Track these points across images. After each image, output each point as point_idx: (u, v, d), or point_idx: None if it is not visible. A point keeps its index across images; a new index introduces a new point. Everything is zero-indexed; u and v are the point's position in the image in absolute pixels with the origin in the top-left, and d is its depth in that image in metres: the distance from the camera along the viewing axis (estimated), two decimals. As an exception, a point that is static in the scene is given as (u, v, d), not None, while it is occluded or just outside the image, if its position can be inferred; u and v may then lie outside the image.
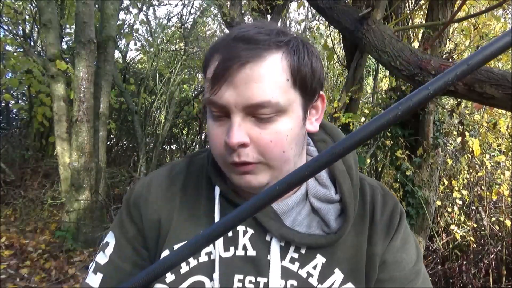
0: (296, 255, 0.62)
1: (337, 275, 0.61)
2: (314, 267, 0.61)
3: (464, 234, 3.61)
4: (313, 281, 0.60)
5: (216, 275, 0.59)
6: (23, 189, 4.74)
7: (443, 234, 3.76)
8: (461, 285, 3.60)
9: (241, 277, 0.60)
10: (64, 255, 3.49)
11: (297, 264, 0.61)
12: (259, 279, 0.60)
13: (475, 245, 3.67)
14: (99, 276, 0.65)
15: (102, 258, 0.67)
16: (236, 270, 0.60)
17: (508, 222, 3.56)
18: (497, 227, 3.77)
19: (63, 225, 3.93)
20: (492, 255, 3.62)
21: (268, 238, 0.62)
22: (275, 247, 0.61)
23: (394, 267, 0.63)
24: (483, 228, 3.77)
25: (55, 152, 4.71)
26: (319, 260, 0.62)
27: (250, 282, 0.60)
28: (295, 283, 0.60)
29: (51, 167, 5.27)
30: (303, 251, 0.62)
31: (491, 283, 3.59)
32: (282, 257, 0.61)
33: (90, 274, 0.67)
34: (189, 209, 0.65)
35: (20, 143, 5.80)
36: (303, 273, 0.61)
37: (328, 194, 0.63)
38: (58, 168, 4.11)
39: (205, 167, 0.69)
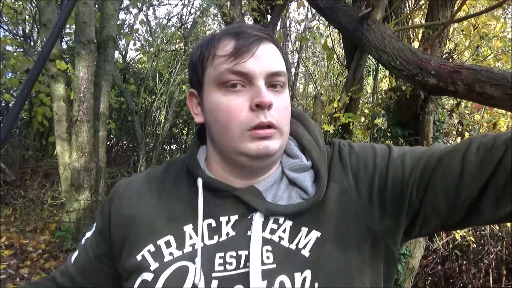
0: (275, 226, 0.64)
1: (303, 231, 0.63)
2: (284, 231, 0.64)
3: (464, 234, 3.61)
4: (284, 243, 0.63)
5: (198, 260, 0.61)
6: (23, 189, 4.74)
7: (443, 234, 3.75)
8: (461, 285, 3.60)
9: (222, 254, 0.63)
10: (64, 255, 3.50)
11: (274, 232, 0.64)
12: (240, 252, 0.62)
13: (475, 245, 3.67)
14: (76, 253, 0.77)
15: (83, 239, 0.78)
16: (217, 250, 0.63)
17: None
18: (497, 227, 3.76)
19: (63, 225, 3.93)
20: (492, 255, 3.62)
21: (249, 217, 0.65)
22: (258, 220, 0.63)
23: (393, 163, 0.65)
24: (483, 228, 3.76)
25: (55, 152, 4.71)
26: (287, 224, 0.64)
27: (231, 256, 0.62)
28: (269, 248, 0.62)
29: (51, 167, 5.27)
30: (281, 221, 0.64)
31: (491, 283, 3.59)
32: (263, 229, 0.64)
33: (76, 250, 0.78)
34: (169, 205, 0.69)
35: (20, 143, 5.80)
36: (275, 237, 0.63)
37: (300, 162, 0.68)
38: (58, 168, 4.12)
39: (184, 165, 0.73)
